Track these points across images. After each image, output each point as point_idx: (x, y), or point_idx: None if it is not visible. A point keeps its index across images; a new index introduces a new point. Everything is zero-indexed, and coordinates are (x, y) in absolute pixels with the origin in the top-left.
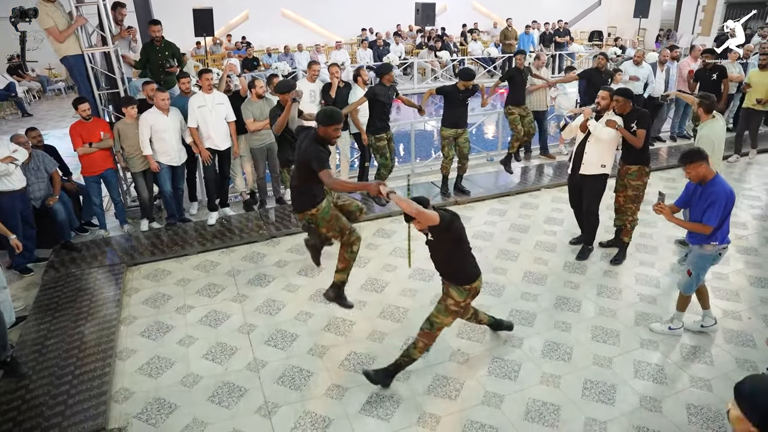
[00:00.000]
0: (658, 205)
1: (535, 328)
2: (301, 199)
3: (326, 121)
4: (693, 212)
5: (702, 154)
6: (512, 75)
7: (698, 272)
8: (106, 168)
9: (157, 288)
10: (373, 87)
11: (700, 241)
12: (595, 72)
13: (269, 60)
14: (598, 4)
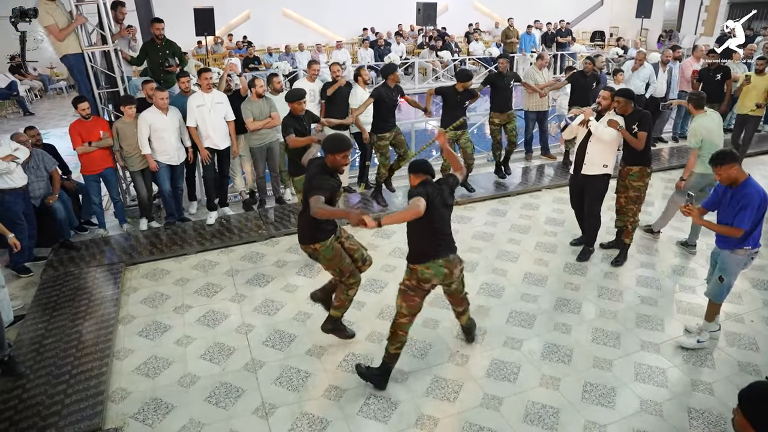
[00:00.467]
0: (687, 206)
1: (534, 329)
2: (305, 232)
3: (334, 148)
4: (723, 215)
5: (734, 156)
6: (493, 80)
7: (729, 278)
8: (106, 167)
9: (155, 287)
10: (378, 88)
11: (731, 246)
12: (580, 76)
13: (270, 59)
14: (600, 4)
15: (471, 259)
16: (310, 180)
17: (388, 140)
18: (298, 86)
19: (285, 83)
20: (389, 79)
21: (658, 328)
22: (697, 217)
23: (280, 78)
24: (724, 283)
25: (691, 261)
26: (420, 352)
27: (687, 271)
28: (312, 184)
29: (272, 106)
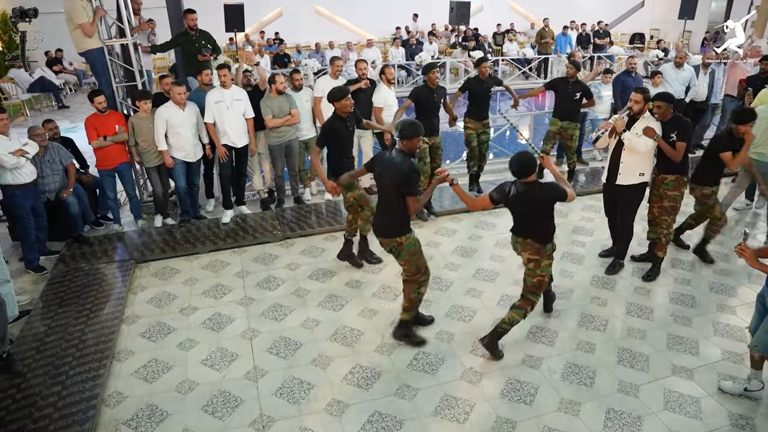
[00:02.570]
0: (740, 246)
1: (556, 347)
2: (393, 225)
3: (412, 133)
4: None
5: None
6: (472, 86)
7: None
8: (121, 162)
9: (163, 287)
10: (417, 88)
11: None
12: (560, 82)
13: (299, 57)
14: (641, 5)
15: (491, 268)
16: (399, 170)
17: (428, 145)
18: (322, 83)
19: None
20: (429, 80)
21: (692, 351)
22: (752, 260)
23: (301, 74)
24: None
25: (729, 278)
26: (431, 366)
27: (726, 288)
28: (403, 177)
29: (292, 103)
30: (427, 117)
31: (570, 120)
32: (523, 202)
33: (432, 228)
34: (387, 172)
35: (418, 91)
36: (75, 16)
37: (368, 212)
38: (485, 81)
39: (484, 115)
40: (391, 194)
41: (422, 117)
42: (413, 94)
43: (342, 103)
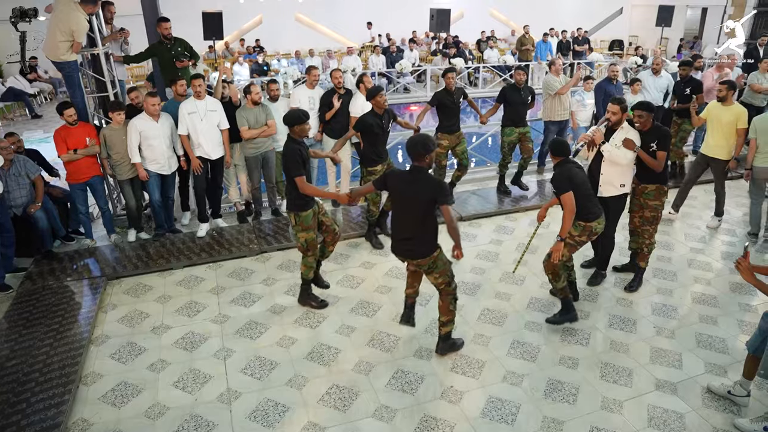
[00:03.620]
0: (739, 261)
1: (538, 363)
2: (427, 245)
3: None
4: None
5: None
6: (439, 98)
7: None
8: (92, 175)
9: (135, 304)
10: (364, 116)
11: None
12: (510, 89)
13: (279, 65)
14: (619, 12)
15: (473, 281)
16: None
17: (380, 174)
18: (298, 93)
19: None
20: (374, 105)
21: (676, 364)
22: (748, 275)
23: (278, 85)
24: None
25: (712, 287)
26: (410, 386)
27: (708, 299)
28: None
29: (269, 114)
30: (378, 142)
31: (524, 125)
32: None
33: None
34: (413, 189)
35: (365, 119)
36: (79, 33)
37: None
38: (453, 93)
39: (456, 127)
40: (421, 211)
41: (372, 143)
42: (360, 124)
43: (301, 128)
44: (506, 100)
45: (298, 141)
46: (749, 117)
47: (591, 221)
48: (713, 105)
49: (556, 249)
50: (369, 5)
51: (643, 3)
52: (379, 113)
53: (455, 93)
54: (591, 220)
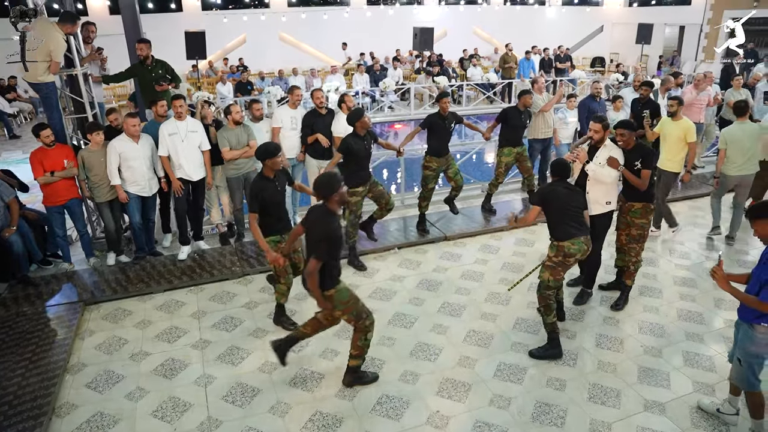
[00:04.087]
0: (713, 270)
1: (525, 385)
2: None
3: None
4: (752, 281)
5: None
6: (432, 122)
7: (750, 360)
8: (70, 198)
9: (114, 330)
10: (347, 139)
11: (749, 319)
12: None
13: (262, 84)
14: (600, 30)
15: (458, 302)
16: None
17: (362, 195)
18: (280, 113)
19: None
20: (357, 127)
21: (664, 384)
22: (723, 282)
23: (260, 104)
24: (743, 366)
25: (697, 304)
26: (395, 411)
27: (693, 316)
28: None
29: (250, 134)
30: (361, 164)
31: (521, 145)
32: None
33: (396, 261)
34: (308, 228)
35: (348, 142)
36: (56, 52)
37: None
38: (446, 117)
39: (446, 150)
40: (310, 251)
41: (355, 165)
42: (344, 146)
43: (273, 161)
44: (507, 120)
45: (266, 178)
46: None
47: (563, 241)
48: (665, 120)
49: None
50: (352, 24)
51: (623, 21)
52: (362, 134)
53: (448, 118)
54: (563, 240)
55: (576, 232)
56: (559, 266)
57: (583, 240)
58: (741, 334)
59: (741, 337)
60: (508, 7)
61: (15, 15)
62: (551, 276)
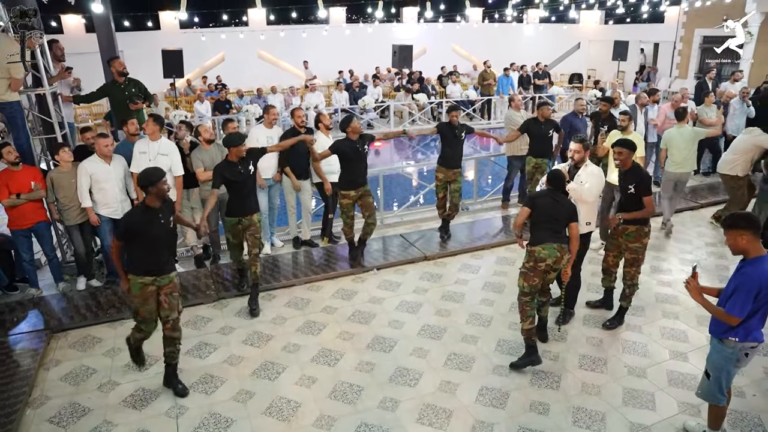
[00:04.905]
0: (687, 281)
1: (507, 410)
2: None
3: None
4: (722, 294)
5: (749, 220)
6: (444, 131)
7: (718, 375)
8: (38, 221)
9: (81, 360)
10: (338, 142)
11: (718, 333)
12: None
13: (241, 102)
14: (577, 47)
15: (438, 324)
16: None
17: (353, 199)
18: (256, 133)
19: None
20: (348, 133)
21: (649, 405)
22: (695, 293)
23: (235, 123)
24: (711, 380)
25: (680, 321)
26: None
27: (677, 333)
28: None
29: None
30: (354, 167)
31: (542, 156)
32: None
33: (375, 282)
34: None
35: (338, 145)
36: (15, 69)
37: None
38: (456, 127)
39: (456, 163)
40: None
41: (348, 168)
42: (334, 147)
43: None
44: (529, 132)
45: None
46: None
47: (534, 245)
48: (614, 134)
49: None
50: (331, 42)
51: (600, 38)
52: (353, 139)
53: (458, 127)
54: (534, 245)
55: (548, 239)
56: (531, 272)
57: (555, 247)
58: (711, 348)
59: (710, 351)
60: (487, 24)
61: (15, 15)
62: (525, 282)
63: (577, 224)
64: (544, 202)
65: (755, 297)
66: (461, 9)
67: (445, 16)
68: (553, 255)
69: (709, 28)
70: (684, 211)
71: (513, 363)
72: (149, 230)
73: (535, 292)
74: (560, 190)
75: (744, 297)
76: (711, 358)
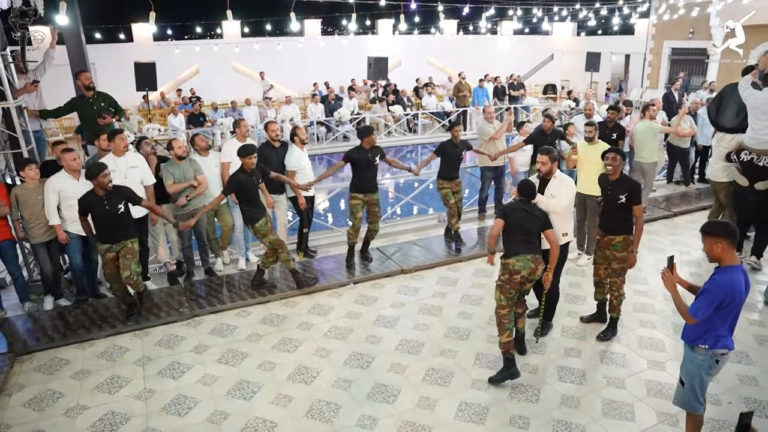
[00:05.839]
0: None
1: (487, 425)
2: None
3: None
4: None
5: (727, 229)
6: (445, 149)
7: (691, 383)
8: (2, 239)
9: (47, 383)
10: (351, 151)
11: (689, 339)
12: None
13: (215, 115)
14: (551, 58)
15: (416, 338)
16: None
17: (362, 201)
18: (227, 147)
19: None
20: (364, 142)
21: (628, 416)
22: (671, 283)
23: (202, 135)
24: (686, 387)
25: (657, 330)
26: None
27: (655, 343)
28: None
29: (197, 169)
30: (364, 174)
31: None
32: None
33: (351, 297)
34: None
35: (351, 154)
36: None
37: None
38: (458, 145)
39: (456, 175)
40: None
41: (359, 174)
42: (347, 157)
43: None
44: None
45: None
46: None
47: (508, 258)
48: (581, 145)
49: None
50: (307, 54)
51: (572, 50)
52: (366, 148)
53: (459, 146)
54: (509, 257)
55: (522, 250)
56: (506, 284)
57: (530, 258)
58: (684, 355)
59: (683, 359)
60: (461, 36)
61: (15, 15)
62: (501, 294)
63: (553, 231)
64: (516, 215)
65: (719, 305)
66: (436, 21)
67: (419, 29)
68: (528, 267)
69: (677, 39)
70: (658, 220)
71: (492, 377)
72: (96, 211)
73: (512, 304)
74: (532, 199)
75: (707, 302)
76: (684, 365)
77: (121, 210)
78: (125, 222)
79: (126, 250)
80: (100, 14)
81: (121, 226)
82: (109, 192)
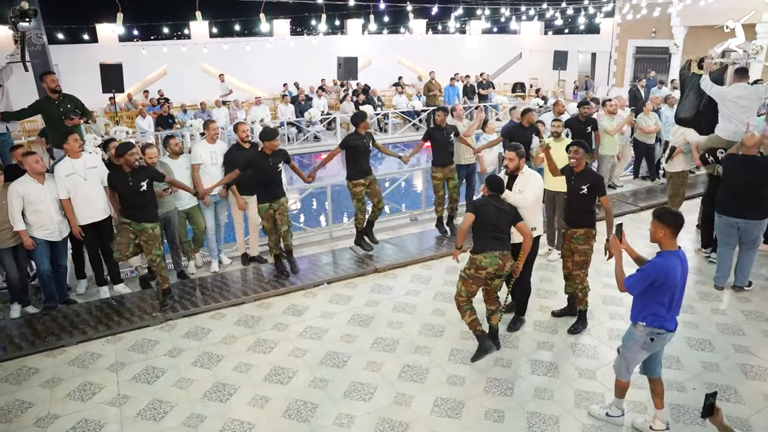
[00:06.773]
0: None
1: (463, 420)
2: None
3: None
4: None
5: (671, 217)
6: (431, 133)
7: (625, 354)
8: None
9: (15, 393)
10: (347, 137)
11: (633, 317)
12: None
13: (184, 117)
14: (519, 57)
15: (391, 336)
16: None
17: (364, 186)
18: (197, 149)
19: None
20: (360, 127)
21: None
22: (617, 249)
23: (177, 139)
24: (620, 355)
25: (626, 322)
26: None
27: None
28: None
29: (169, 173)
30: (361, 158)
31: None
32: None
33: (325, 297)
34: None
35: (347, 139)
36: None
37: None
38: (444, 128)
39: (449, 161)
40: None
41: (355, 159)
42: (344, 142)
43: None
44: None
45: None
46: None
47: (476, 254)
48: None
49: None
50: (276, 54)
51: (540, 49)
52: (362, 134)
53: (446, 129)
54: (477, 253)
55: (491, 246)
56: (470, 279)
57: (497, 255)
58: (626, 331)
59: (625, 333)
60: (430, 36)
61: (15, 15)
62: (463, 286)
63: (524, 223)
64: (486, 210)
65: (651, 283)
66: (405, 21)
67: (389, 28)
68: (495, 263)
69: (641, 39)
70: (626, 215)
71: (473, 356)
72: (120, 187)
73: (471, 297)
74: (501, 193)
75: (641, 279)
76: (624, 337)
77: (143, 188)
78: (146, 202)
79: (148, 236)
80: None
81: (142, 206)
82: (134, 170)
